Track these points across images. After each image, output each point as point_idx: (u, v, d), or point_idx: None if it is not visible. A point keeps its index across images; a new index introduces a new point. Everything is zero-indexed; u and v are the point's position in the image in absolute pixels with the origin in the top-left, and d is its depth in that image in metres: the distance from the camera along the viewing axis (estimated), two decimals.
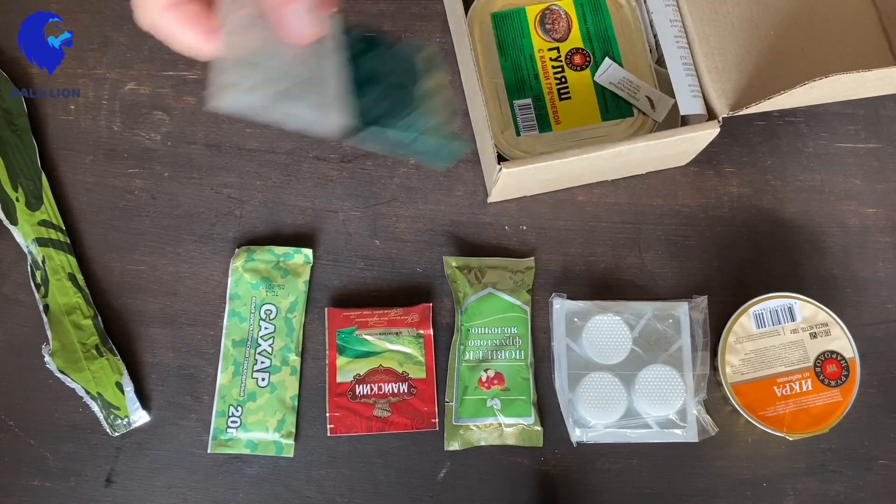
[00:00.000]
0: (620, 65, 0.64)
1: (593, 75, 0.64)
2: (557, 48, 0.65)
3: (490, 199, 0.66)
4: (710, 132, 0.59)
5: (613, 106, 0.63)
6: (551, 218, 0.66)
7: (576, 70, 0.64)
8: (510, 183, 0.61)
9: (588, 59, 0.64)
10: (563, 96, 0.64)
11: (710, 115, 0.61)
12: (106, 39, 0.69)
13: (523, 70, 0.64)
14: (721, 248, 0.66)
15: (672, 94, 0.61)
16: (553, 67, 0.64)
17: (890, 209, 0.67)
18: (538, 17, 0.65)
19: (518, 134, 0.63)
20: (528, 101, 0.64)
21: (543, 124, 0.63)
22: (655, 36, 0.64)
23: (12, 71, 0.67)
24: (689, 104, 0.60)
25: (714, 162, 0.68)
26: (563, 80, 0.64)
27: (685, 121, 0.61)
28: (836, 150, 0.68)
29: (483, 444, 0.61)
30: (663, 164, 0.66)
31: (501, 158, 0.59)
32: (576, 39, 0.65)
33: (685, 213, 0.67)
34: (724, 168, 0.68)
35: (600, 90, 0.64)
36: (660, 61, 0.64)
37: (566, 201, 0.67)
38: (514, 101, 0.64)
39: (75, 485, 0.60)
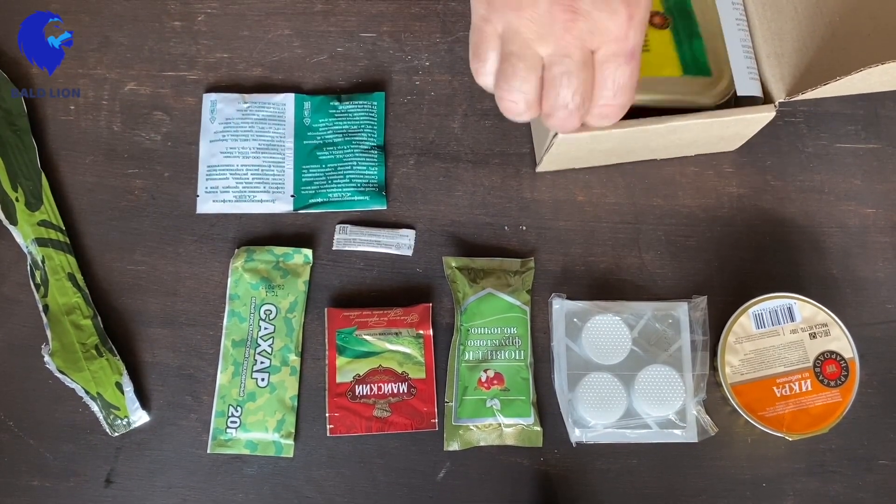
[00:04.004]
0: (699, 36, 0.62)
1: (674, 38, 0.62)
2: None
3: (539, 169, 0.66)
4: (766, 115, 0.59)
5: (691, 63, 0.61)
6: (551, 218, 0.66)
7: (657, 28, 0.62)
8: (562, 152, 0.61)
9: (667, 21, 0.62)
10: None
11: (766, 99, 0.61)
12: (106, 39, 0.69)
13: None
14: (721, 248, 0.66)
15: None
16: None
17: (890, 209, 0.67)
18: None
19: None
20: None
21: None
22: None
23: (12, 71, 0.67)
24: (746, 86, 0.60)
25: (714, 162, 0.68)
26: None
27: (740, 105, 0.61)
28: (836, 150, 0.68)
29: (482, 444, 0.61)
30: (713, 146, 0.66)
31: None
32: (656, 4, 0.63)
33: (685, 213, 0.67)
34: (724, 168, 0.68)
35: (680, 45, 0.61)
36: None
37: (566, 201, 0.67)
38: None
39: (75, 485, 0.60)
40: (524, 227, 0.66)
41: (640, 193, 0.67)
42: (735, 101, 0.61)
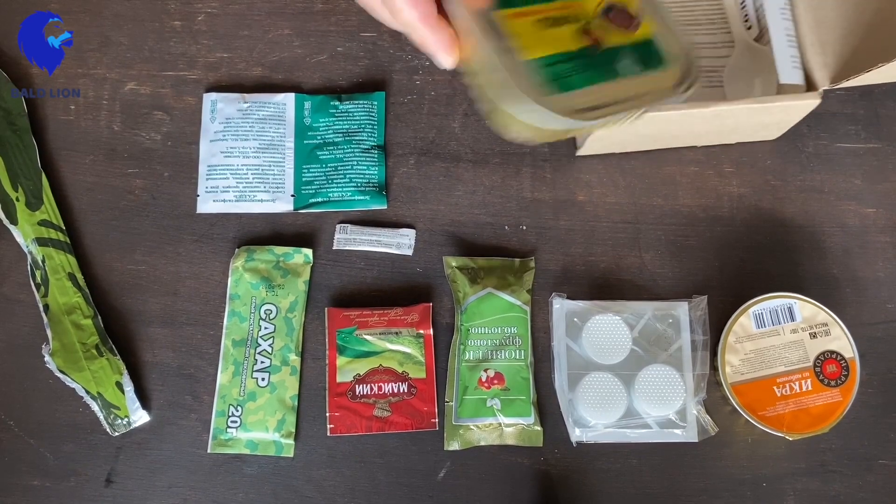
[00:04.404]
0: None
1: None
2: None
3: (580, 153, 0.66)
4: (811, 103, 0.60)
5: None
6: (551, 218, 0.66)
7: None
8: (606, 134, 0.61)
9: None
10: None
11: (810, 86, 0.61)
12: (106, 39, 0.69)
13: None
14: (721, 248, 0.66)
15: (770, 67, 0.63)
16: None
17: (890, 209, 0.67)
18: None
19: None
20: None
21: None
22: (758, 9, 0.66)
23: (12, 71, 0.67)
24: (789, 74, 0.61)
25: (714, 162, 0.68)
26: None
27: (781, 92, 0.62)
28: (836, 150, 0.68)
29: (483, 443, 0.61)
30: (755, 134, 0.66)
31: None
32: None
33: (685, 213, 0.67)
34: (724, 168, 0.68)
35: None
36: (759, 38, 0.66)
37: (566, 201, 0.67)
38: None
39: (75, 485, 0.60)
40: (524, 227, 0.66)
41: (640, 193, 0.67)
42: (778, 89, 0.62)
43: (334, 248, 0.65)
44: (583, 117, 0.46)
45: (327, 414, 0.61)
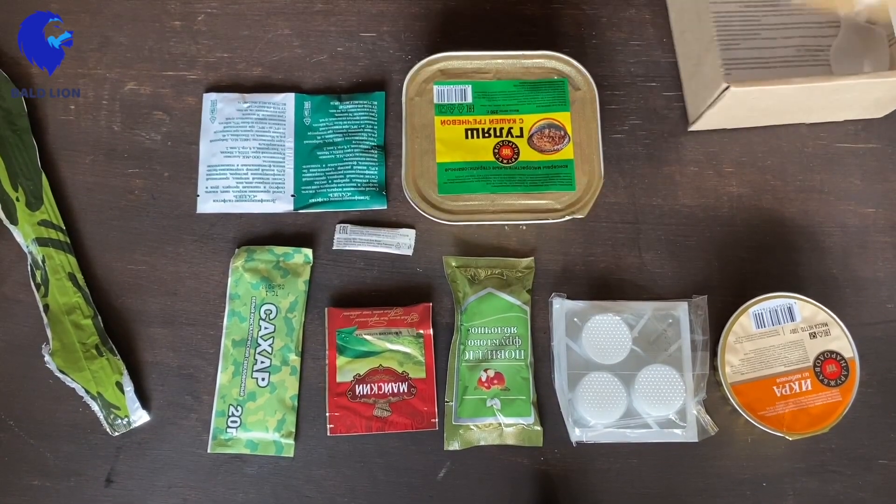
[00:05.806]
0: None
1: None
2: None
3: (694, 128, 0.67)
4: None
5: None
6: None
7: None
8: (726, 106, 0.62)
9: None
10: None
11: None
12: (106, 39, 0.69)
13: None
14: (721, 248, 0.66)
15: (880, 46, 0.65)
16: None
17: (889, 209, 0.67)
18: None
19: None
20: None
21: None
22: None
23: (12, 71, 0.68)
24: None
25: (714, 162, 0.68)
26: None
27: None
28: (835, 150, 0.68)
29: (483, 443, 0.61)
30: (864, 111, 0.67)
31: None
32: None
33: (685, 213, 0.67)
34: (724, 168, 0.68)
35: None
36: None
37: None
38: None
39: (75, 485, 0.60)
40: (524, 227, 0.66)
41: (640, 193, 0.67)
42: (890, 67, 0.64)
43: (334, 248, 0.65)
44: (452, 218, 0.63)
45: (327, 414, 0.61)
